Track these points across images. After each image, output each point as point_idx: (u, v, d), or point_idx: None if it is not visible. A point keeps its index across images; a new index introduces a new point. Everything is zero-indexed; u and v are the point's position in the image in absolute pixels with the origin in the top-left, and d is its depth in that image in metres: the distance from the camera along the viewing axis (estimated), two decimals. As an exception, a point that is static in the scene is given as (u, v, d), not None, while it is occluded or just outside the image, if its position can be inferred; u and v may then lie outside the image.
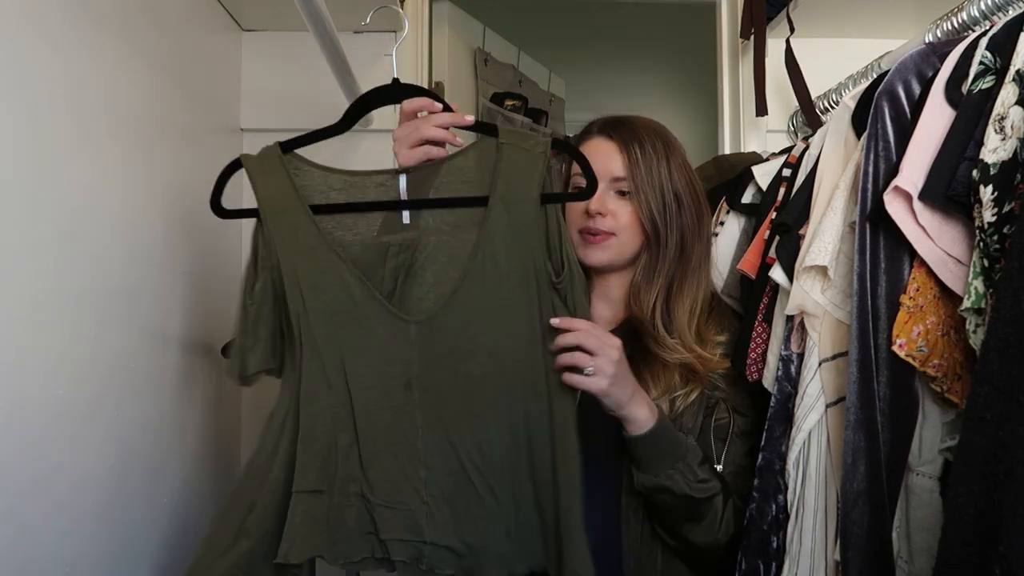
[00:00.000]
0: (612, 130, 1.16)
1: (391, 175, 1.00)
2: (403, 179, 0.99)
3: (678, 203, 1.14)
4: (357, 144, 1.77)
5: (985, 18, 0.96)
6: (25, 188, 0.92)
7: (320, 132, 1.04)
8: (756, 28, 1.62)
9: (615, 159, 1.13)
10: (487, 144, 0.98)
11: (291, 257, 0.97)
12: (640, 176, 1.12)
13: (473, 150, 0.99)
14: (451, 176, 0.99)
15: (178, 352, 1.36)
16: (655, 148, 1.14)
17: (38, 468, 0.94)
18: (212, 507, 1.54)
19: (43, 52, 0.97)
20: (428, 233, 0.98)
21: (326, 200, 0.99)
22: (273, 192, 0.98)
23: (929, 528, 0.84)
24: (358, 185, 0.99)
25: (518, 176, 0.96)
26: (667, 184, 1.13)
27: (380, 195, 0.99)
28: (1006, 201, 0.72)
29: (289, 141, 1.01)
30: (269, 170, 0.99)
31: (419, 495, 0.96)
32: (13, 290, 0.90)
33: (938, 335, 0.83)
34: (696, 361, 1.11)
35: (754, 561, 1.03)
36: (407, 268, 0.97)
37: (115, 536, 1.13)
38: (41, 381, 0.95)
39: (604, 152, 1.14)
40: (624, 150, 1.13)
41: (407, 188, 0.99)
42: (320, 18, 1.15)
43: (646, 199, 1.12)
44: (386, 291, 0.97)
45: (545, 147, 0.97)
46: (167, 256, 1.32)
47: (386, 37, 1.79)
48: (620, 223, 1.13)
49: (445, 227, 0.98)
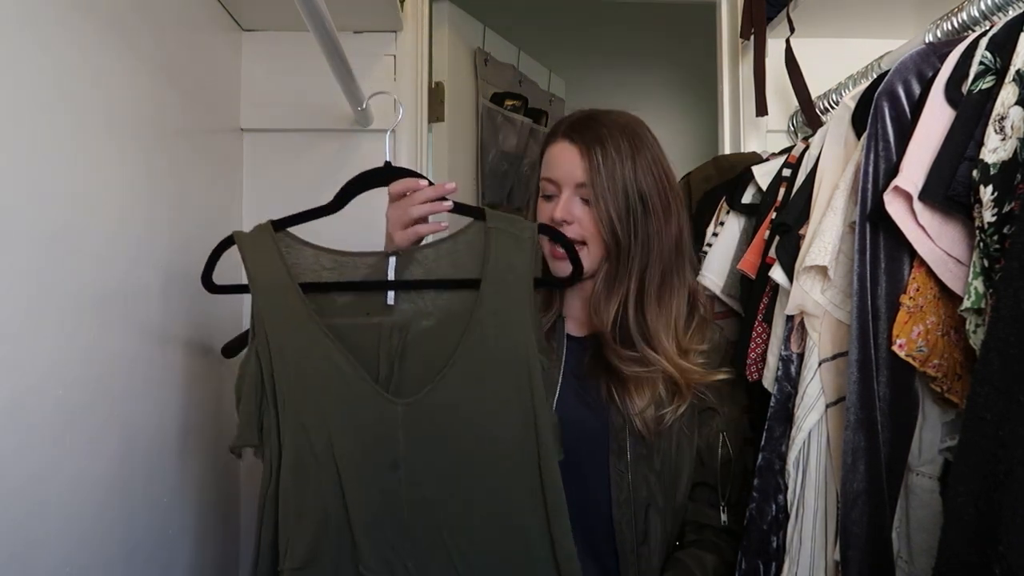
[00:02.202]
0: (576, 133, 1.11)
1: (381, 257, 1.03)
2: (392, 260, 1.02)
3: (643, 206, 1.08)
4: (357, 144, 1.77)
5: (985, 18, 0.96)
6: (25, 188, 0.92)
7: (311, 212, 1.06)
8: (756, 28, 1.62)
9: (576, 164, 1.09)
10: (475, 228, 1.01)
11: (280, 334, 0.99)
12: (600, 182, 1.07)
13: (462, 235, 1.01)
14: (441, 260, 1.01)
15: (178, 352, 1.36)
16: (619, 149, 1.09)
17: (37, 468, 0.94)
18: (212, 507, 1.54)
19: (42, 52, 0.97)
20: (419, 316, 1.00)
21: (317, 278, 1.01)
22: (264, 269, 1.00)
23: (929, 528, 0.84)
24: (348, 265, 1.02)
25: (508, 259, 0.98)
26: (631, 187, 1.08)
27: (369, 276, 1.02)
28: (1006, 201, 0.72)
29: (281, 220, 1.03)
30: (261, 247, 1.01)
31: (406, 567, 0.99)
32: (11, 291, 0.90)
33: (938, 335, 0.83)
34: (673, 370, 1.07)
35: (754, 561, 1.03)
36: (400, 351, 0.99)
37: (115, 536, 1.13)
38: (40, 381, 0.95)
39: (567, 157, 1.11)
40: (584, 154, 1.08)
41: (396, 269, 1.01)
42: (320, 18, 1.14)
43: (606, 206, 1.07)
44: (383, 375, 0.99)
45: (532, 232, 1.00)
46: (167, 256, 1.32)
47: (386, 37, 1.80)
48: (587, 231, 1.10)
49: (436, 310, 1.00)
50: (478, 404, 0.98)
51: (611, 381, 1.09)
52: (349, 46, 1.33)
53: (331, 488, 0.99)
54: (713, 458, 1.11)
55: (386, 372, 0.99)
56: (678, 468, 1.10)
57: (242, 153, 1.77)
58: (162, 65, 1.31)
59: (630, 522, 1.07)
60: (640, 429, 1.07)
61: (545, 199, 1.14)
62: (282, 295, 0.99)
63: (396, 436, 0.97)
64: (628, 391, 1.07)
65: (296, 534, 0.99)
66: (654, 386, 1.08)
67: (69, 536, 1.01)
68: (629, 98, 3.52)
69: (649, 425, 1.07)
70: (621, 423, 1.08)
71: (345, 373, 0.97)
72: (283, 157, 1.77)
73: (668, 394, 1.09)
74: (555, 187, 1.12)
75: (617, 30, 3.35)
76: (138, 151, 1.22)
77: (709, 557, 1.09)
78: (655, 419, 1.07)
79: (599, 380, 1.10)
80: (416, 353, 0.99)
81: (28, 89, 0.93)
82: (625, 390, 1.07)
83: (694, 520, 1.12)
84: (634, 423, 1.07)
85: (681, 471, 1.10)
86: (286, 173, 1.77)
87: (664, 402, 1.08)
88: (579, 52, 3.32)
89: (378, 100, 1.65)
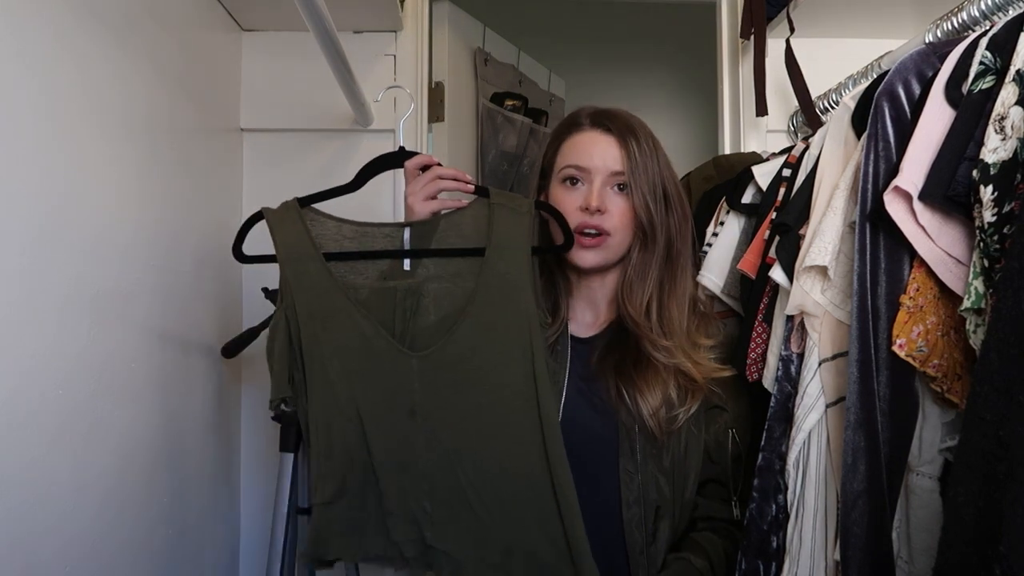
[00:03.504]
0: (607, 122, 1.13)
1: (397, 227, 1.12)
2: (407, 231, 1.11)
3: (667, 202, 1.12)
4: (357, 144, 1.77)
5: (985, 18, 0.96)
6: (23, 187, 0.92)
7: (334, 190, 1.14)
8: (756, 28, 1.62)
9: (612, 153, 1.11)
10: (480, 204, 1.11)
11: (307, 299, 1.08)
12: (638, 171, 1.10)
13: (469, 209, 1.11)
14: (449, 231, 1.11)
15: (178, 352, 1.36)
16: (648, 144, 1.13)
17: (36, 468, 0.94)
18: (211, 507, 1.54)
19: (42, 52, 0.97)
20: (430, 280, 1.09)
21: (339, 248, 1.10)
22: (291, 240, 1.08)
23: (930, 528, 0.84)
24: (368, 235, 1.11)
25: (509, 230, 1.08)
26: (658, 181, 1.12)
27: (387, 245, 1.11)
28: (1006, 201, 0.72)
29: (306, 197, 1.12)
30: (287, 221, 1.09)
31: (423, 506, 1.08)
32: (8, 290, 0.90)
33: (938, 335, 0.83)
34: (691, 365, 1.09)
35: (754, 561, 1.03)
36: (414, 310, 1.08)
37: (114, 536, 1.13)
38: (38, 381, 0.95)
39: (601, 145, 1.12)
40: (622, 144, 1.11)
41: (411, 239, 1.11)
42: (320, 18, 1.15)
43: (642, 194, 1.10)
44: (397, 331, 1.08)
45: (530, 207, 1.09)
46: (167, 256, 1.32)
47: (386, 37, 1.80)
48: (615, 221, 1.11)
49: (446, 275, 1.10)
50: (485, 357, 1.06)
51: (620, 380, 1.09)
52: (349, 46, 1.34)
53: (355, 437, 1.08)
54: (723, 455, 1.12)
55: (401, 329, 1.07)
56: (687, 467, 1.10)
57: (242, 153, 1.77)
58: (162, 65, 1.31)
59: (640, 523, 1.07)
60: (652, 429, 1.07)
61: (568, 186, 1.14)
62: (308, 264, 1.07)
63: (412, 386, 1.07)
64: (639, 389, 1.08)
65: (325, 471, 1.09)
66: (665, 384, 1.08)
67: (66, 535, 1.01)
68: (629, 98, 3.51)
69: (662, 425, 1.07)
70: (631, 423, 1.08)
71: (365, 331, 1.07)
72: (283, 157, 1.77)
73: (680, 393, 1.09)
74: (584, 174, 1.12)
75: (617, 30, 3.35)
76: (137, 150, 1.22)
77: (721, 542, 1.10)
78: (667, 419, 1.08)
79: (607, 380, 1.11)
80: (428, 312, 1.08)
81: (27, 89, 0.93)
82: (636, 388, 1.08)
83: (706, 515, 1.13)
84: (645, 423, 1.07)
85: (689, 470, 1.10)
86: (286, 173, 1.77)
87: (675, 403, 1.08)
88: (579, 52, 3.32)
89: (377, 98, 1.66)
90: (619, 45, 3.40)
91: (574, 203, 1.12)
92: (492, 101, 2.36)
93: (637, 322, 1.11)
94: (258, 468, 1.72)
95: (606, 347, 1.14)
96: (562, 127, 1.19)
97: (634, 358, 1.10)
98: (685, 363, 1.09)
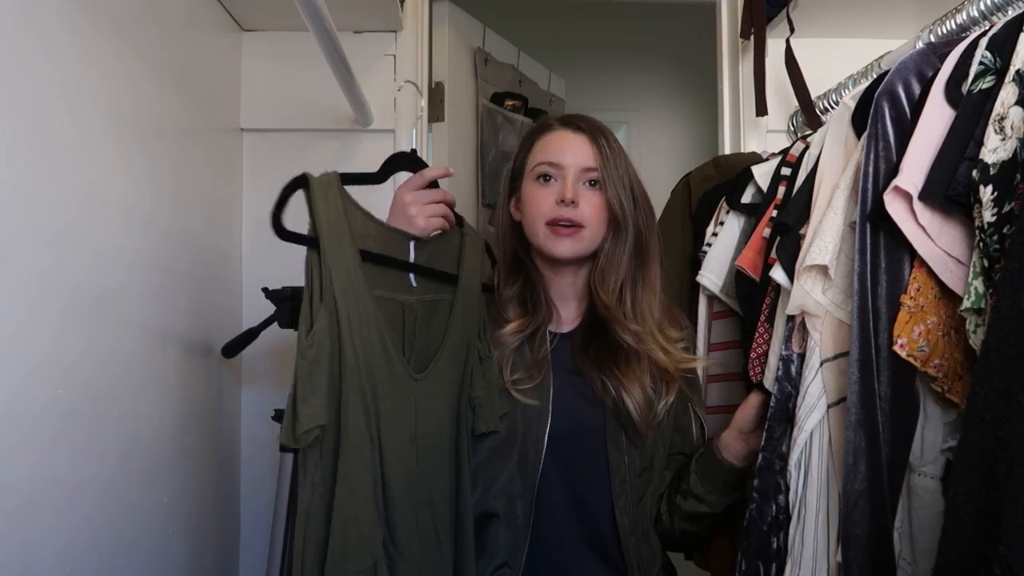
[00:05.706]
0: (578, 122, 1.19)
1: (403, 237, 1.05)
2: (412, 244, 1.06)
3: (634, 199, 1.17)
4: (357, 144, 1.77)
5: (985, 18, 0.96)
6: (24, 187, 0.92)
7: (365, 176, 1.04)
8: (756, 28, 1.62)
9: (584, 150, 1.16)
10: (455, 231, 1.13)
11: (344, 299, 0.90)
12: (610, 166, 1.16)
13: (451, 234, 1.13)
14: (435, 253, 1.09)
15: (178, 352, 1.36)
16: (616, 143, 1.19)
17: (36, 468, 0.94)
18: (212, 507, 1.54)
19: (42, 52, 0.97)
20: (424, 301, 1.06)
21: (364, 245, 0.95)
22: (333, 224, 0.91)
23: (932, 529, 0.84)
24: (390, 240, 1.02)
25: (473, 263, 1.12)
26: (626, 179, 1.17)
27: (402, 255, 1.03)
28: (1006, 201, 0.72)
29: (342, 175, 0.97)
30: (330, 201, 0.92)
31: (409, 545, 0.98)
32: (9, 291, 0.90)
33: (939, 335, 0.83)
34: (662, 354, 1.15)
35: (754, 562, 1.03)
36: (412, 329, 1.04)
37: (114, 536, 1.13)
38: (38, 381, 0.95)
39: (574, 143, 1.17)
40: (593, 141, 1.16)
41: (415, 254, 1.06)
42: (320, 18, 1.15)
43: (615, 188, 1.15)
44: (405, 351, 1.01)
45: (483, 242, 1.16)
46: (167, 256, 1.32)
47: (386, 37, 1.80)
48: (588, 214, 1.15)
49: (434, 297, 1.08)
50: (450, 388, 1.07)
51: (603, 374, 1.14)
52: (349, 46, 1.34)
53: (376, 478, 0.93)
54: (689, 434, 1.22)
55: (407, 349, 1.02)
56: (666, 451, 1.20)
57: (242, 153, 1.77)
58: (162, 65, 1.31)
59: (628, 505, 1.13)
60: (638, 424, 1.13)
61: (541, 183, 1.17)
62: (347, 258, 0.91)
63: (413, 412, 1.00)
64: (622, 384, 1.13)
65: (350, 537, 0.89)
66: (643, 374, 1.14)
67: (66, 535, 1.01)
68: (629, 98, 3.54)
69: (646, 419, 1.14)
70: (616, 413, 1.14)
71: (388, 347, 0.95)
72: (283, 157, 1.77)
73: (657, 385, 1.16)
74: (557, 170, 1.16)
75: (617, 30, 3.35)
76: (137, 151, 1.22)
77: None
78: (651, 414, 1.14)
79: (591, 374, 1.16)
80: (422, 334, 1.05)
81: (28, 89, 0.93)
82: (619, 382, 1.13)
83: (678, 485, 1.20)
84: (631, 415, 1.13)
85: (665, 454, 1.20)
86: (286, 173, 1.73)
87: (654, 397, 1.15)
88: (579, 52, 3.32)
89: (377, 100, 1.66)
90: (619, 45, 3.40)
91: (548, 198, 1.15)
92: (492, 101, 2.35)
93: (608, 306, 1.16)
94: (258, 468, 1.72)
95: (583, 340, 1.19)
96: (532, 131, 1.24)
97: (610, 348, 1.16)
98: (656, 351, 1.15)
